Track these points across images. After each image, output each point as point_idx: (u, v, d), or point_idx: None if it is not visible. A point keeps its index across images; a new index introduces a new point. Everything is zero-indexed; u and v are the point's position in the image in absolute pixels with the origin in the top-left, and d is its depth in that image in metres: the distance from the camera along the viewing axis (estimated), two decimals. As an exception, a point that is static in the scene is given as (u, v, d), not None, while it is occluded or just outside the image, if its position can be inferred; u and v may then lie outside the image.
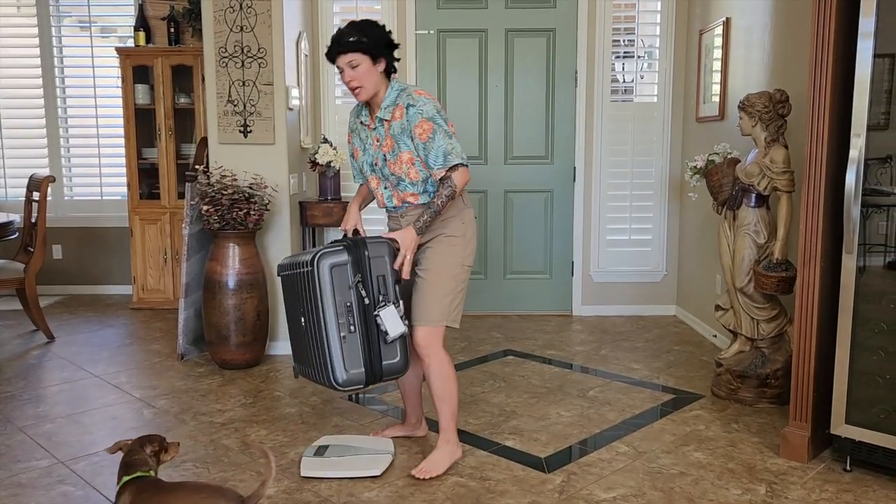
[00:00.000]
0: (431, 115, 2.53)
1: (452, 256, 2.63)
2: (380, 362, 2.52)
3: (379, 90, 2.59)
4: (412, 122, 2.53)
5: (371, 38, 2.52)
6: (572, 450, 2.92)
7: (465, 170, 2.54)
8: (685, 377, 3.78)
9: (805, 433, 2.77)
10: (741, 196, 3.34)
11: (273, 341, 4.13)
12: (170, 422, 3.19)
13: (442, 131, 2.52)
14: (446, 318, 2.64)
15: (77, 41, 5.57)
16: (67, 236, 5.64)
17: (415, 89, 2.58)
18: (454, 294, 2.64)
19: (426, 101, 2.54)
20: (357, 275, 2.47)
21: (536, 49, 4.91)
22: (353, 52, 2.51)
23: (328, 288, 2.46)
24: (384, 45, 2.56)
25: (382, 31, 2.57)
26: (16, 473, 2.70)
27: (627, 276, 5.07)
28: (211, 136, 4.06)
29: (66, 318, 4.99)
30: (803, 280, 2.74)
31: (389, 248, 2.53)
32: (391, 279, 2.51)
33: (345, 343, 2.47)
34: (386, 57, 2.57)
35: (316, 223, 4.42)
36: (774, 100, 3.22)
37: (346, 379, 2.48)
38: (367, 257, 2.49)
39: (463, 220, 2.65)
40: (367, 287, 2.48)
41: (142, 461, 2.09)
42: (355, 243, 2.51)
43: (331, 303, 2.46)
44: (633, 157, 4.98)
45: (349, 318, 2.47)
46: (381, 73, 2.57)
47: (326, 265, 2.46)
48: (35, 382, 3.72)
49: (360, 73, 2.53)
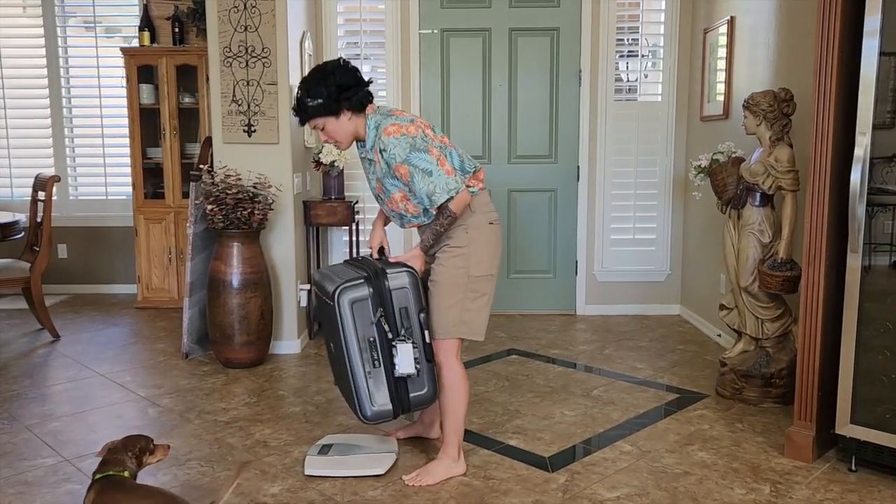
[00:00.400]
0: (404, 157, 2.44)
1: (456, 268, 2.55)
2: (407, 395, 2.52)
3: (359, 131, 2.55)
4: (390, 166, 2.49)
5: (323, 98, 2.46)
6: (576, 449, 2.92)
7: (460, 195, 2.45)
8: (689, 377, 3.78)
9: (810, 433, 2.76)
10: (745, 195, 3.33)
11: (277, 340, 4.14)
12: (174, 420, 3.20)
13: (419, 172, 2.43)
14: (456, 331, 2.57)
15: (82, 41, 5.58)
16: (72, 236, 5.66)
17: (385, 127, 2.46)
18: (462, 305, 2.55)
19: (396, 143, 2.44)
20: (379, 309, 2.45)
21: (540, 48, 4.91)
22: (313, 118, 2.51)
23: (350, 324, 2.44)
24: (336, 97, 2.46)
25: (332, 82, 2.46)
26: (22, 471, 2.71)
27: (631, 275, 5.07)
28: (215, 135, 4.07)
29: (71, 317, 5.01)
30: (808, 279, 2.74)
31: (411, 276, 2.49)
32: (414, 310, 2.48)
33: (370, 377, 2.47)
34: (346, 105, 2.49)
35: (320, 222, 4.43)
36: (779, 98, 3.21)
37: (373, 413, 2.50)
38: (388, 289, 2.46)
39: (468, 229, 2.55)
40: (391, 321, 2.46)
41: (117, 461, 2.10)
42: (376, 273, 2.47)
43: (353, 339, 2.45)
44: (637, 157, 4.98)
45: (373, 353, 2.46)
46: (350, 118, 2.52)
47: (347, 301, 2.43)
48: (41, 381, 3.73)
49: (330, 132, 2.54)
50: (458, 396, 2.62)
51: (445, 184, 2.44)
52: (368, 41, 4.95)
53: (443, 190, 2.43)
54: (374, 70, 5.02)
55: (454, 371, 2.61)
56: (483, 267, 2.58)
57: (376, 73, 5.01)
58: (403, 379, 2.50)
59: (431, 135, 2.53)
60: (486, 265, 2.58)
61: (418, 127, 2.50)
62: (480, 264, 2.57)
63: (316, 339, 4.48)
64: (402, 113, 2.56)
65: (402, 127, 2.47)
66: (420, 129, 2.49)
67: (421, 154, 2.44)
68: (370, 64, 5.02)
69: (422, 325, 2.50)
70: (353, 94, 2.49)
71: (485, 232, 2.59)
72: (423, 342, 2.51)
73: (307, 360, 4.08)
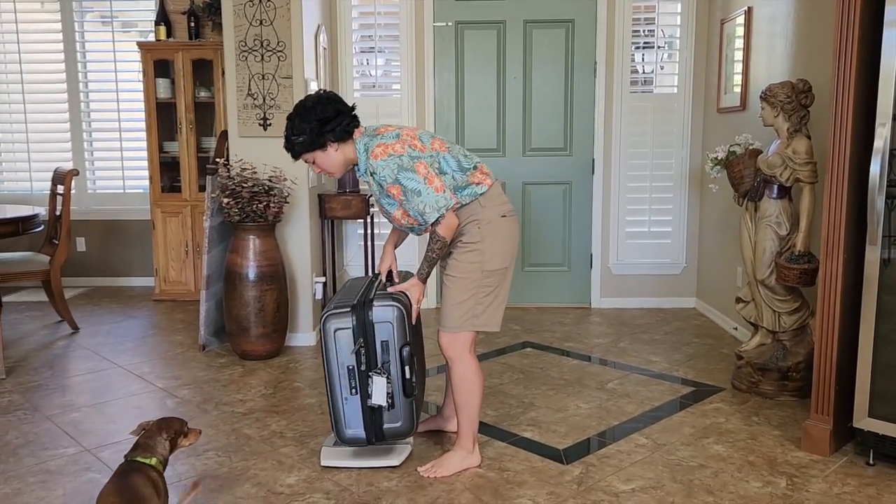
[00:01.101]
0: (394, 178, 2.44)
1: (470, 263, 2.54)
2: (381, 426, 2.60)
3: (349, 158, 2.56)
4: (383, 187, 2.50)
5: (306, 134, 2.47)
6: (591, 441, 2.92)
7: (447, 218, 2.44)
8: (705, 370, 3.76)
9: (827, 426, 2.75)
10: (763, 187, 3.31)
11: (293, 333, 4.17)
12: (192, 411, 3.23)
13: (409, 192, 2.44)
14: (468, 324, 2.57)
15: (99, 36, 5.63)
16: (91, 229, 5.71)
17: (372, 150, 2.47)
18: (476, 300, 2.56)
19: (384, 165, 2.44)
20: (359, 340, 2.52)
21: (555, 40, 4.89)
22: (302, 154, 2.53)
23: (332, 349, 2.55)
24: (318, 132, 2.47)
25: (313, 117, 2.47)
26: (44, 461, 2.75)
27: (647, 268, 5.05)
28: (231, 129, 4.09)
29: (90, 309, 5.07)
30: (826, 272, 2.71)
31: (398, 311, 2.53)
32: (395, 345, 2.53)
33: (346, 404, 2.58)
34: (330, 137, 2.49)
35: (335, 216, 4.44)
36: (797, 90, 3.18)
37: (347, 437, 2.61)
38: (370, 322, 2.52)
39: (479, 224, 2.53)
40: (369, 352, 2.54)
41: (148, 446, 2.15)
42: (363, 304, 2.54)
43: (335, 364, 2.56)
44: (653, 149, 4.95)
45: (350, 380, 2.56)
46: (338, 149, 2.52)
47: (331, 328, 2.54)
48: (61, 372, 3.78)
49: (320, 164, 2.56)
50: (473, 390, 2.62)
51: (435, 202, 2.43)
52: (383, 34, 4.95)
53: (432, 208, 2.43)
54: (388, 63, 5.03)
55: (468, 364, 2.61)
56: (497, 261, 2.57)
57: (390, 67, 5.02)
58: (378, 409, 2.58)
59: (420, 146, 2.51)
60: (500, 259, 2.58)
61: (404, 143, 2.49)
62: (495, 258, 2.56)
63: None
64: (388, 129, 2.55)
65: (388, 146, 2.47)
66: (406, 145, 2.48)
67: (408, 174, 2.44)
68: (384, 57, 5.02)
69: (403, 359, 2.54)
70: (336, 125, 2.49)
71: (497, 225, 2.57)
72: (401, 377, 2.56)
73: (323, 352, 4.11)
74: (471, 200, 2.54)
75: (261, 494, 2.49)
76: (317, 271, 4.32)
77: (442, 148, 2.56)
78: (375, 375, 2.52)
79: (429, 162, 2.49)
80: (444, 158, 2.54)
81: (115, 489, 2.00)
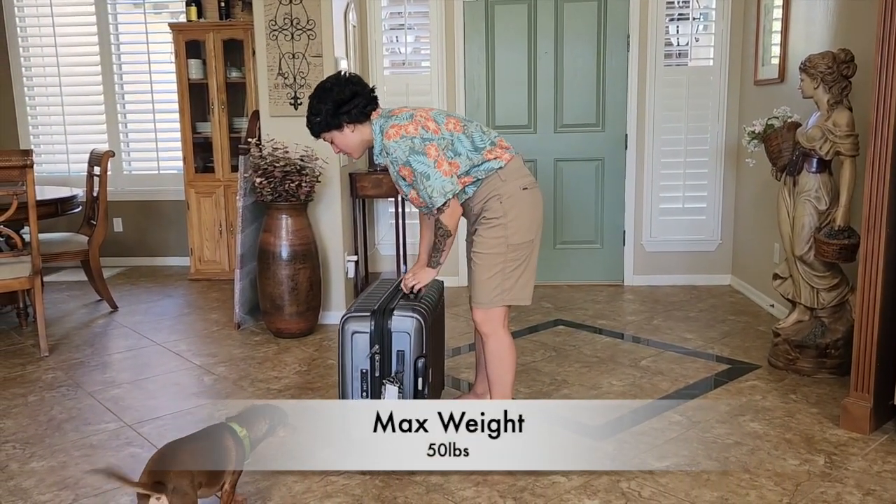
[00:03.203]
0: (405, 159, 2.46)
1: (494, 238, 2.55)
2: None
3: (365, 139, 2.57)
4: (395, 168, 2.54)
5: (322, 115, 2.50)
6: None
7: (451, 207, 2.47)
8: (741, 347, 3.72)
9: (867, 404, 2.70)
10: (802, 161, 3.23)
11: (326, 311, 4.21)
12: (229, 388, 3.29)
13: (419, 175, 2.46)
14: (498, 299, 2.58)
15: (132, 18, 5.68)
16: (127, 209, 5.81)
17: (386, 131, 2.49)
18: (504, 274, 2.57)
19: (396, 146, 2.46)
20: (375, 346, 2.54)
21: (587, 14, 4.81)
22: (320, 133, 2.56)
23: (348, 351, 2.57)
24: (334, 113, 2.49)
25: (330, 98, 2.49)
26: (87, 435, 2.83)
27: (681, 245, 4.98)
28: (262, 109, 4.11)
29: (128, 288, 5.17)
30: (867, 248, 2.65)
31: (417, 322, 2.54)
32: (411, 356, 2.54)
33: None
34: (346, 118, 2.51)
35: (366, 194, 4.45)
36: (838, 60, 3.09)
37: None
38: (388, 330, 2.53)
39: (501, 199, 2.54)
40: (384, 359, 2.54)
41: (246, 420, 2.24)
42: (382, 312, 2.55)
43: (349, 365, 2.57)
44: (688, 123, 4.86)
45: (362, 383, 2.57)
46: (354, 130, 2.54)
47: (349, 330, 2.56)
48: (101, 350, 3.88)
49: (339, 144, 2.58)
50: (507, 365, 2.64)
51: (441, 186, 2.45)
52: (412, 10, 4.91)
53: (439, 193, 2.45)
54: (417, 40, 5.00)
55: (501, 340, 2.62)
56: (522, 234, 2.57)
57: (420, 44, 4.98)
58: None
59: (434, 127, 2.51)
60: (524, 232, 2.58)
61: (417, 124, 2.49)
62: (519, 232, 2.57)
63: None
64: (403, 110, 2.56)
65: (401, 128, 2.48)
66: (419, 127, 2.48)
67: (419, 157, 2.45)
68: (414, 34, 4.99)
69: (417, 371, 2.55)
70: (352, 107, 2.51)
71: (520, 199, 2.57)
72: (413, 388, 2.56)
73: (355, 330, 4.14)
74: (487, 175, 2.54)
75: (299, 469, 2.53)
76: (349, 250, 4.35)
77: (457, 128, 2.56)
78: (388, 384, 2.54)
79: (442, 144, 2.49)
80: (458, 139, 2.54)
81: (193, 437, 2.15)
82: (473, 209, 2.62)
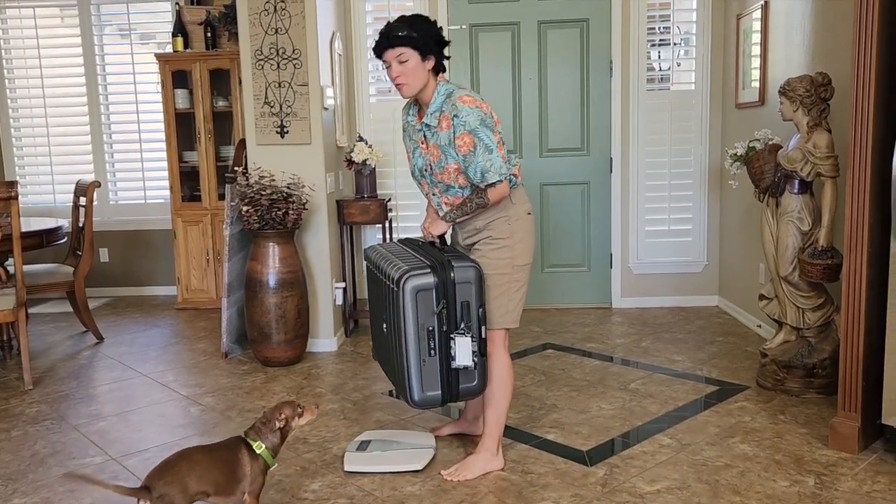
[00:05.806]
0: (473, 127, 2.44)
1: (500, 259, 2.57)
2: (457, 385, 2.53)
3: (425, 88, 2.54)
4: (455, 133, 2.48)
5: (421, 34, 2.46)
6: (614, 442, 2.90)
7: (503, 185, 2.50)
8: (729, 368, 3.73)
9: (855, 423, 2.71)
10: (784, 183, 3.27)
11: (314, 339, 4.19)
12: (216, 418, 3.26)
13: (482, 146, 2.45)
14: (502, 321, 2.60)
15: (118, 49, 5.71)
16: (113, 239, 5.79)
17: (460, 95, 2.48)
18: (508, 296, 2.59)
19: (470, 111, 2.44)
20: (442, 301, 2.45)
21: (570, 40, 4.88)
22: (403, 46, 2.46)
23: (411, 312, 2.44)
24: (434, 41, 2.49)
25: (434, 27, 2.51)
26: (72, 470, 2.78)
27: (667, 266, 5.01)
28: (249, 137, 4.12)
29: (113, 319, 5.13)
30: (850, 267, 2.68)
31: (477, 272, 2.50)
32: (476, 305, 2.49)
33: (424, 366, 2.48)
34: (436, 54, 2.51)
35: (353, 221, 4.46)
36: (816, 83, 3.14)
37: (421, 399, 2.51)
38: (452, 282, 2.46)
39: (510, 220, 2.58)
40: (452, 313, 2.47)
41: (259, 431, 2.25)
42: (442, 264, 2.47)
43: (413, 327, 2.45)
44: (671, 147, 4.92)
45: (430, 342, 2.47)
46: (429, 70, 2.52)
47: (411, 289, 2.42)
48: (86, 382, 3.83)
49: (408, 69, 2.48)
50: (505, 387, 2.65)
51: (500, 166, 2.48)
52: (397, 39, 4.95)
53: (496, 171, 2.47)
54: (403, 67, 5.03)
55: (502, 362, 2.64)
56: (525, 256, 2.63)
57: (406, 71, 5.02)
58: (456, 370, 2.51)
59: (497, 119, 2.56)
60: (527, 254, 2.63)
61: (488, 107, 2.53)
62: (524, 254, 2.62)
63: (352, 336, 4.52)
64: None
65: (476, 101, 2.49)
66: (490, 109, 2.52)
67: (487, 131, 2.47)
68: (399, 61, 5.03)
69: (479, 320, 2.51)
70: (443, 52, 2.53)
71: (525, 222, 2.63)
72: (479, 337, 2.52)
73: (344, 357, 4.12)
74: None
75: (285, 500, 2.51)
76: (336, 277, 4.34)
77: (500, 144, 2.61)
78: (459, 336, 2.46)
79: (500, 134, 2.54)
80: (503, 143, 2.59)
81: (205, 448, 2.18)
82: (476, 223, 2.62)
